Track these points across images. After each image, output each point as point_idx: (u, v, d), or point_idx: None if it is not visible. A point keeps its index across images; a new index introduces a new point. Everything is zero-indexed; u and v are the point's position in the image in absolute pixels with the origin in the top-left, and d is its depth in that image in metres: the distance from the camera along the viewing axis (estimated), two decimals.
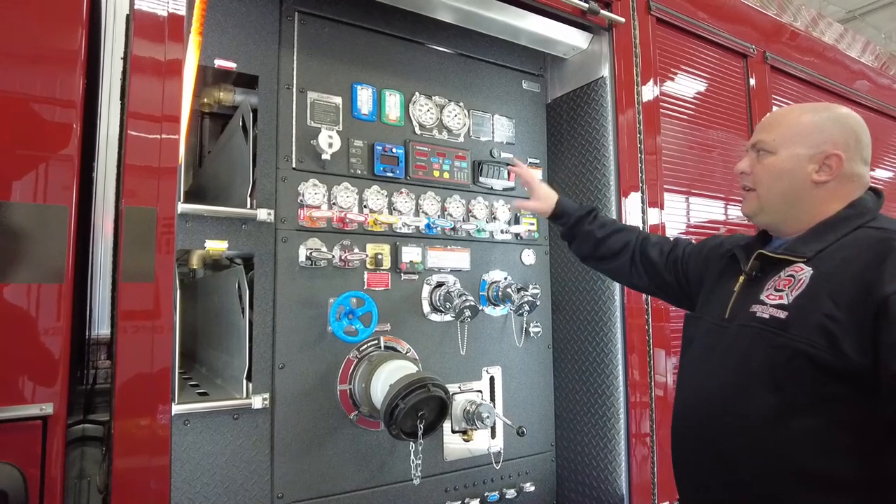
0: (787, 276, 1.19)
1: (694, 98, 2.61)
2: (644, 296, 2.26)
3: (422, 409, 1.79)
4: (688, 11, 2.57)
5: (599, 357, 2.29)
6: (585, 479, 2.33)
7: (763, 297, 1.21)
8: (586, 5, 2.18)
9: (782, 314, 1.14)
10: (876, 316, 1.01)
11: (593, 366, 2.32)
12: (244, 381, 1.82)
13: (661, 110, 2.45)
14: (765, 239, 1.40)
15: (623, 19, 2.29)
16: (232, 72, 1.90)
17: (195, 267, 2.29)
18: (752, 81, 2.80)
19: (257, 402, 1.78)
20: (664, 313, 2.32)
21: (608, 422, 2.24)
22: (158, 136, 1.36)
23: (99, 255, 2.66)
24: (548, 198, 1.93)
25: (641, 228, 2.24)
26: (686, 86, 2.59)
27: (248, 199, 1.88)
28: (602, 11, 2.20)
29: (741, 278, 1.32)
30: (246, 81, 2.02)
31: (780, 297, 1.16)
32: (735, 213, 2.74)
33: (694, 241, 1.72)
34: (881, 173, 3.74)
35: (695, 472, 1.32)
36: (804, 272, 1.15)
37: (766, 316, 1.17)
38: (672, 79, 2.52)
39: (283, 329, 1.89)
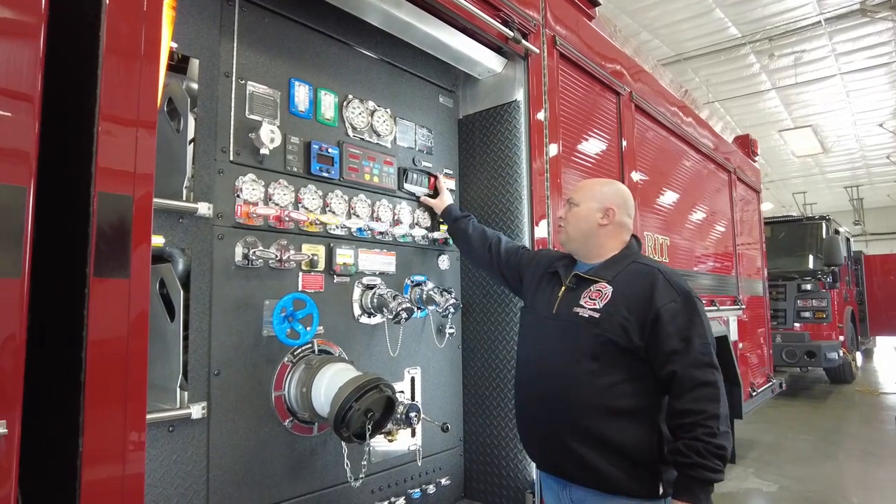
0: (596, 290, 1.85)
1: (582, 126, 2.97)
2: None
3: (371, 410, 1.81)
4: (583, 51, 2.92)
5: (511, 354, 2.48)
6: (494, 469, 2.50)
7: (581, 302, 1.84)
8: (511, 34, 2.38)
9: (596, 315, 1.79)
10: (653, 321, 1.71)
11: (503, 362, 2.51)
12: (177, 390, 1.66)
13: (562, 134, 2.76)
14: (571, 263, 2.03)
15: (538, 50, 2.54)
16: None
17: None
18: (622, 116, 3.26)
19: (197, 411, 1.64)
20: None
21: None
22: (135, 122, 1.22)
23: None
24: (444, 202, 2.51)
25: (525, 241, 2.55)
26: (577, 115, 2.93)
27: (185, 192, 1.73)
28: (523, 41, 2.42)
29: (563, 288, 1.95)
30: (174, 65, 1.84)
31: (594, 304, 1.81)
32: None
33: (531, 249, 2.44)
34: (670, 196, 4.51)
35: (539, 422, 1.89)
36: (608, 289, 1.82)
37: (586, 315, 1.80)
38: (568, 108, 2.84)
39: (218, 333, 1.76)
